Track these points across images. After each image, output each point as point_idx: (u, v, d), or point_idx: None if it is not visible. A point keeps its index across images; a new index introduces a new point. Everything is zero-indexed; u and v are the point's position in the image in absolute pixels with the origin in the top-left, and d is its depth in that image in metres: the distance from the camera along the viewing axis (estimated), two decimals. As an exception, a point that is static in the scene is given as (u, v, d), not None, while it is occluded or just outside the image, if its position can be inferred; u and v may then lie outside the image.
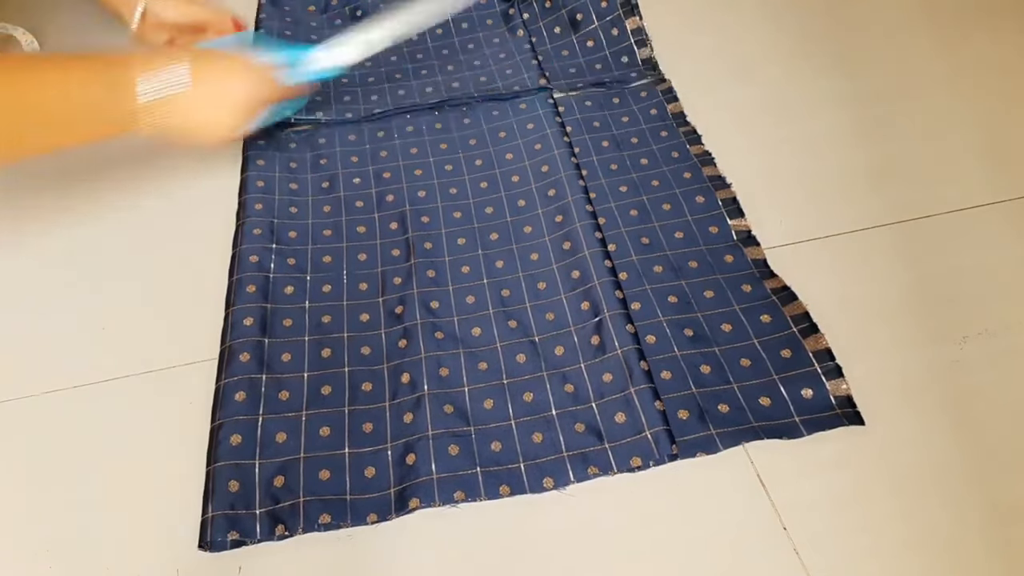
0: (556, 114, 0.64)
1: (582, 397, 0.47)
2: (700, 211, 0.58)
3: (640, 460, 0.44)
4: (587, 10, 0.72)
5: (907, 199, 0.58)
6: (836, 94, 0.67)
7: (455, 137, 0.65)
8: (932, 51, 0.70)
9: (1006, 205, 0.57)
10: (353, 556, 0.41)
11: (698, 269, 0.54)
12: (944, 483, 0.43)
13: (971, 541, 0.41)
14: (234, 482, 0.43)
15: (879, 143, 0.62)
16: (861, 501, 0.42)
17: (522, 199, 0.59)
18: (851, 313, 0.51)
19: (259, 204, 0.58)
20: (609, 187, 0.60)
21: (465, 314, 0.52)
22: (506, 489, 0.43)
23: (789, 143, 0.63)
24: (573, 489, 0.44)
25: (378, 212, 0.59)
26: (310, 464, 0.44)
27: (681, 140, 0.63)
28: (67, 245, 0.57)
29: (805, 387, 0.46)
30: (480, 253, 0.56)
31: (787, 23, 0.74)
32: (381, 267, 0.55)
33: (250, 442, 0.45)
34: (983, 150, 0.61)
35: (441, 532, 0.42)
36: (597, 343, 0.49)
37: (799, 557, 0.41)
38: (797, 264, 0.54)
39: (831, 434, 0.45)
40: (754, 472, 0.44)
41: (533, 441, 0.45)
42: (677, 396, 0.47)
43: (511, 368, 0.49)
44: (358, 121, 0.65)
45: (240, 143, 0.62)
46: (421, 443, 0.45)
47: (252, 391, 0.47)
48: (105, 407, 0.48)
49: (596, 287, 0.51)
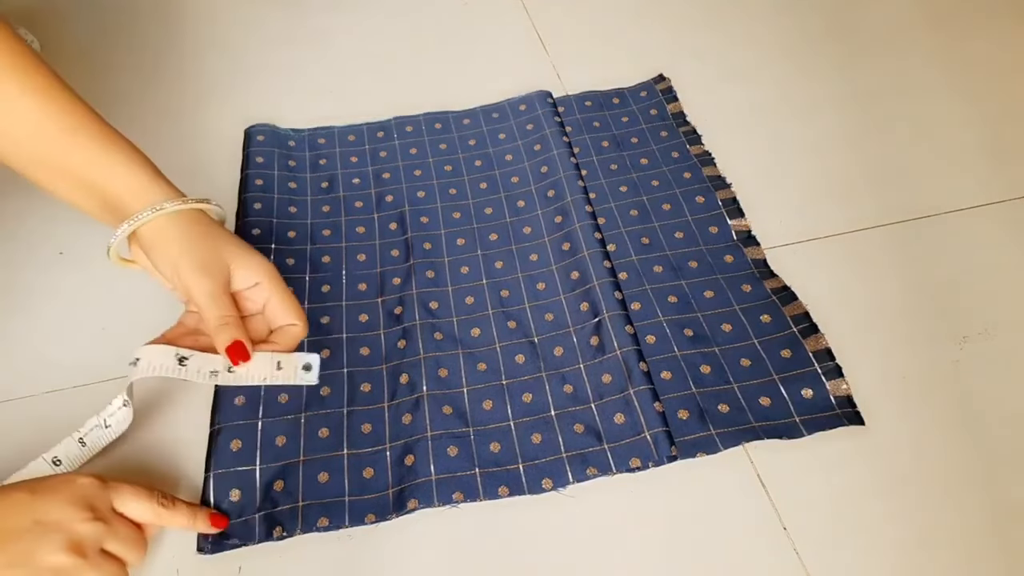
0: (556, 114, 0.64)
1: (581, 398, 0.47)
2: (700, 211, 0.58)
3: (639, 461, 0.44)
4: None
5: (907, 199, 0.58)
6: (836, 94, 0.67)
7: (455, 137, 0.64)
8: (932, 51, 0.70)
9: (1006, 205, 0.57)
10: (353, 556, 0.41)
11: (698, 269, 0.54)
12: (944, 483, 0.43)
13: (971, 541, 0.41)
14: (235, 491, 0.43)
15: (879, 143, 0.62)
16: (861, 501, 0.42)
17: (521, 200, 0.59)
18: (851, 313, 0.51)
19: (258, 203, 0.58)
20: (609, 187, 0.60)
21: (464, 315, 0.52)
22: (505, 490, 0.43)
23: (789, 143, 0.63)
24: (572, 490, 0.44)
25: (377, 212, 0.59)
26: (309, 467, 0.44)
27: (681, 140, 0.63)
28: (67, 244, 0.57)
29: (805, 387, 0.46)
30: (479, 254, 0.56)
31: (787, 23, 0.74)
32: (380, 267, 0.55)
33: (250, 447, 0.44)
34: (982, 150, 0.61)
35: (440, 532, 0.42)
36: (596, 344, 0.49)
37: (799, 557, 0.41)
38: (797, 264, 0.54)
39: (831, 434, 0.45)
40: (754, 472, 0.44)
41: (532, 442, 0.45)
42: (677, 396, 0.47)
43: (510, 369, 0.49)
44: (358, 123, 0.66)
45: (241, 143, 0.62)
46: (420, 444, 0.45)
47: (251, 394, 0.47)
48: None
49: (595, 288, 0.51)
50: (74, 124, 0.42)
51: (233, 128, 0.65)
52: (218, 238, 0.42)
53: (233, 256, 0.42)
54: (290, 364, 0.40)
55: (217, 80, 0.71)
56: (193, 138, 0.65)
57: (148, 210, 0.41)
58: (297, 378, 0.40)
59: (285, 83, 0.71)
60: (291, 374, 0.40)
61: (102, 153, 0.42)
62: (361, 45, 0.75)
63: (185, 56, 0.74)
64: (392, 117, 0.66)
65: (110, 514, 0.37)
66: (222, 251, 0.41)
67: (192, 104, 0.69)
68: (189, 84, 0.71)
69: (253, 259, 0.42)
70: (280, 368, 0.40)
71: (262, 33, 0.76)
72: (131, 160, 0.42)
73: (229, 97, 0.69)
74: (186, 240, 0.41)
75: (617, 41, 0.74)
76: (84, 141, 0.41)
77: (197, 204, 0.43)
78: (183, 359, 0.40)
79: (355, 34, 0.76)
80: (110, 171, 0.42)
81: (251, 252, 0.42)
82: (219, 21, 0.78)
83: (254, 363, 0.40)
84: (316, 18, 0.78)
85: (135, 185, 0.42)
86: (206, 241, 0.41)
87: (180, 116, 0.67)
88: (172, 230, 0.41)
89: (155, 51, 0.74)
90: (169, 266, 0.41)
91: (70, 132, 0.41)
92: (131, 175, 0.42)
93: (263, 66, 0.73)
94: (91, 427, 0.43)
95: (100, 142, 0.42)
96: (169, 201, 0.41)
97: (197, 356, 0.40)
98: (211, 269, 0.40)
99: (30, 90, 0.41)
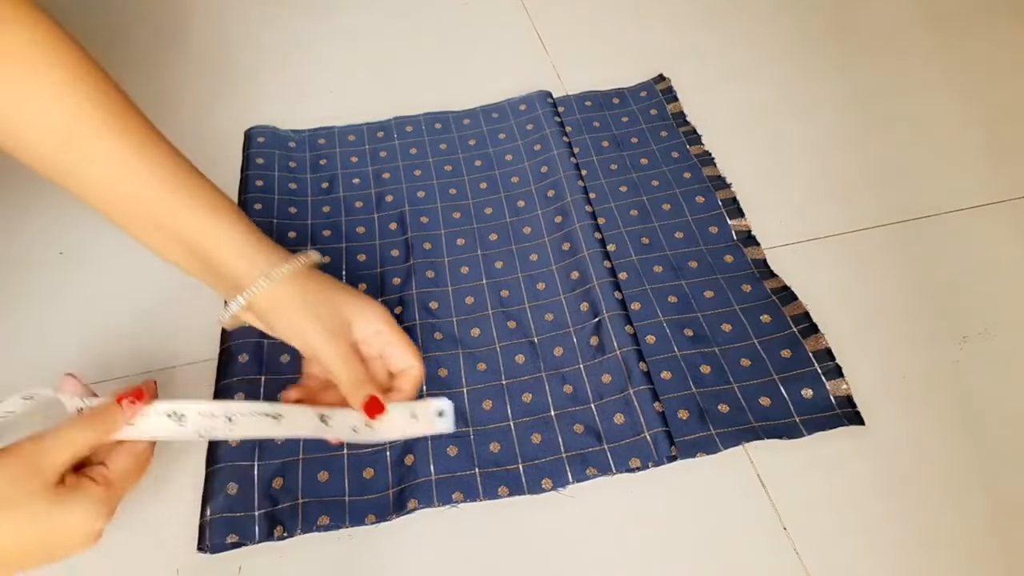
0: (556, 114, 0.64)
1: (581, 398, 0.47)
2: (700, 211, 0.57)
3: (639, 461, 0.44)
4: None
5: (907, 199, 0.58)
6: (836, 94, 0.67)
7: (455, 137, 0.64)
8: (932, 51, 0.70)
9: (1006, 205, 0.57)
10: (353, 556, 0.41)
11: (698, 269, 0.54)
12: (944, 483, 0.43)
13: (971, 541, 0.41)
14: (233, 485, 0.43)
15: (879, 143, 0.62)
16: (861, 501, 0.42)
17: (521, 200, 0.59)
18: (851, 313, 0.51)
19: (258, 204, 0.58)
20: (609, 187, 0.60)
21: (464, 315, 0.52)
22: (505, 490, 0.43)
23: (789, 143, 0.63)
24: (572, 490, 0.44)
25: (377, 212, 0.59)
26: (309, 465, 0.44)
27: (681, 140, 0.63)
28: (67, 244, 0.57)
29: (805, 387, 0.46)
30: (479, 254, 0.56)
31: (787, 23, 0.74)
32: (380, 267, 0.55)
33: (249, 444, 0.45)
34: (982, 150, 0.61)
35: (440, 532, 0.42)
36: (596, 344, 0.49)
37: (799, 557, 0.41)
38: (797, 264, 0.54)
39: (831, 434, 0.45)
40: (754, 472, 0.44)
41: (532, 442, 0.45)
42: (677, 396, 0.47)
43: (510, 369, 0.49)
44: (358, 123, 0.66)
45: (241, 145, 0.62)
46: (420, 444, 0.45)
47: (252, 392, 0.47)
48: (104, 408, 0.48)
49: (595, 288, 0.51)
50: (175, 178, 0.39)
51: (233, 129, 0.65)
52: (332, 293, 0.41)
53: (351, 310, 0.41)
54: (424, 413, 0.41)
55: (217, 80, 0.71)
56: (193, 139, 0.65)
57: (261, 279, 0.39)
58: (434, 427, 0.41)
59: (285, 83, 0.71)
60: (427, 423, 0.41)
61: (206, 216, 0.39)
62: (361, 45, 0.75)
63: (185, 56, 0.74)
64: (392, 117, 0.66)
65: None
66: (340, 307, 0.40)
67: (192, 105, 0.69)
68: (189, 84, 0.71)
69: (370, 308, 0.41)
70: (415, 417, 0.40)
71: (262, 33, 0.76)
72: (233, 220, 0.40)
73: (229, 97, 0.69)
74: (304, 304, 0.40)
75: (617, 41, 0.74)
76: (187, 199, 0.39)
77: (304, 261, 0.41)
78: (325, 417, 0.40)
79: (355, 34, 0.76)
80: (215, 234, 0.39)
81: (366, 301, 0.42)
82: (220, 21, 0.78)
83: (390, 415, 0.40)
84: (317, 18, 0.78)
85: (242, 250, 0.39)
86: (323, 301, 0.40)
87: (180, 116, 0.67)
88: (287, 296, 0.40)
89: (155, 51, 0.75)
90: (292, 332, 0.40)
91: (171, 188, 0.38)
92: (236, 238, 0.39)
93: (263, 66, 0.73)
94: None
95: (201, 200, 0.39)
96: (277, 266, 0.39)
97: (338, 414, 0.40)
98: (335, 330, 0.40)
99: (125, 133, 0.38)
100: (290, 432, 0.39)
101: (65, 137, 0.37)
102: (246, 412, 0.38)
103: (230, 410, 0.38)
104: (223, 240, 0.39)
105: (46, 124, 0.36)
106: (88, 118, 0.37)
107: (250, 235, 0.40)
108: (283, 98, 0.69)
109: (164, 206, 0.39)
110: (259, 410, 0.38)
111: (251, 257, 0.39)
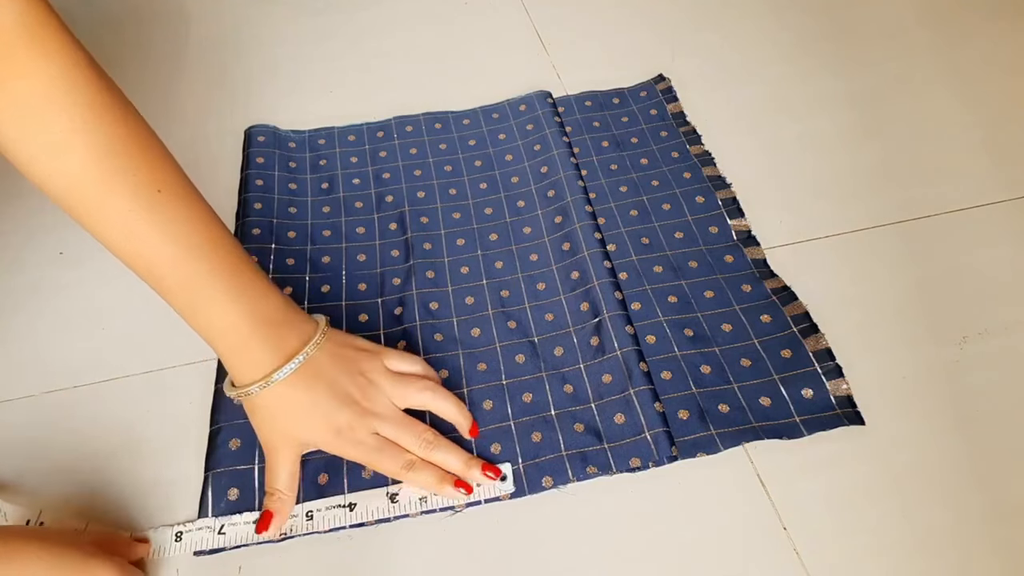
0: (556, 114, 0.64)
1: (581, 398, 0.47)
2: (700, 211, 0.58)
3: (639, 461, 0.44)
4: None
5: (907, 199, 0.58)
6: (836, 94, 0.67)
7: (454, 137, 0.65)
8: (932, 51, 0.70)
9: (1006, 205, 0.57)
10: (353, 556, 0.41)
11: (698, 269, 0.54)
12: (944, 483, 0.43)
13: (971, 541, 0.41)
14: (233, 489, 0.43)
15: (879, 143, 0.62)
16: (861, 501, 0.42)
17: (521, 200, 0.59)
18: (851, 313, 0.51)
19: (258, 203, 0.58)
20: (609, 187, 0.60)
21: (464, 315, 0.52)
22: (505, 489, 0.43)
23: (789, 143, 0.63)
24: (573, 488, 0.43)
25: (377, 213, 0.59)
26: (308, 466, 0.44)
27: (681, 140, 0.63)
28: (67, 244, 0.57)
29: (805, 387, 0.46)
30: (479, 254, 0.56)
31: (787, 23, 0.74)
32: (380, 268, 0.55)
33: (249, 446, 0.44)
34: (983, 150, 0.61)
35: (440, 532, 0.42)
36: (596, 344, 0.49)
37: (799, 557, 0.41)
38: (797, 264, 0.54)
39: (831, 434, 0.45)
40: (754, 472, 0.44)
41: (532, 440, 0.45)
42: (677, 396, 0.47)
43: (510, 369, 0.49)
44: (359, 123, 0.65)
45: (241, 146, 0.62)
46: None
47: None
48: (105, 407, 0.48)
49: (595, 288, 0.51)
50: (210, 263, 0.39)
51: (233, 128, 0.65)
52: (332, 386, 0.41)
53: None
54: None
55: (218, 80, 0.71)
56: (193, 138, 0.65)
57: (255, 387, 0.40)
58: (496, 490, 0.43)
59: (285, 83, 0.71)
60: (491, 487, 0.43)
61: (223, 309, 0.39)
62: (361, 45, 0.75)
63: (186, 56, 0.74)
64: (392, 117, 0.66)
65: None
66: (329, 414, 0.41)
67: (192, 104, 0.69)
68: (190, 84, 0.71)
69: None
70: (479, 484, 0.43)
71: (262, 33, 0.76)
72: (244, 313, 0.40)
73: (229, 97, 0.69)
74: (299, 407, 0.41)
75: (617, 41, 0.74)
76: (207, 277, 0.39)
77: (317, 345, 0.41)
78: (394, 496, 0.43)
79: (355, 34, 0.76)
80: (224, 330, 0.40)
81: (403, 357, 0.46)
82: (220, 21, 0.78)
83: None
84: (316, 18, 0.78)
85: (250, 356, 0.40)
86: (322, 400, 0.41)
87: (180, 116, 0.67)
88: (288, 397, 0.41)
89: (155, 51, 0.75)
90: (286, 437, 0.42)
91: (184, 255, 0.38)
92: (245, 339, 0.40)
93: (263, 66, 0.73)
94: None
95: (221, 279, 0.39)
96: (280, 366, 0.39)
97: (405, 490, 0.43)
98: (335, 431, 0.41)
99: (191, 208, 0.39)
100: (365, 517, 0.42)
101: (76, 194, 0.38)
102: (323, 508, 0.42)
103: (308, 507, 0.42)
104: (231, 343, 0.40)
105: (53, 177, 0.38)
106: (95, 171, 0.37)
107: (257, 331, 0.40)
108: (283, 98, 0.69)
109: (192, 292, 0.39)
110: (334, 503, 0.42)
111: (257, 363, 0.40)
